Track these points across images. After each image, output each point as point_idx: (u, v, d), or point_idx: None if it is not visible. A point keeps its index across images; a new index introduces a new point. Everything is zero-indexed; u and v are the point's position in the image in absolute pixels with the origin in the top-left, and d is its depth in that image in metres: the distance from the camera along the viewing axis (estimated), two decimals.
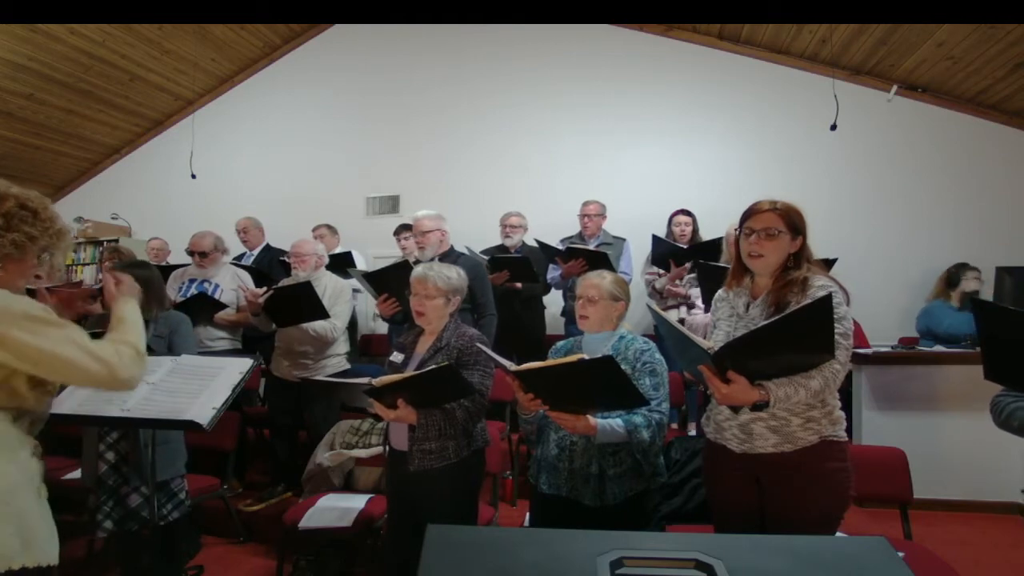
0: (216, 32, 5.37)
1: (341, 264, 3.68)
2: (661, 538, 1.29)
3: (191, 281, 3.41)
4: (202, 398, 1.82)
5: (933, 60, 4.13)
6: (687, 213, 3.91)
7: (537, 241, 3.72)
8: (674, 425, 3.66)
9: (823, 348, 1.33)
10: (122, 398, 1.80)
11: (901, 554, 1.09)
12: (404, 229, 4.09)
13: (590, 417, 1.64)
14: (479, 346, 1.86)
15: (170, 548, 2.27)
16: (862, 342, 3.64)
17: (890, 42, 4.13)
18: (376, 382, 1.76)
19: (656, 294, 3.77)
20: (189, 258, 3.54)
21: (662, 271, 3.72)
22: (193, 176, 5.34)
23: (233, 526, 2.97)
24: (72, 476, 2.73)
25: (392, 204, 5.52)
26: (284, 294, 3.00)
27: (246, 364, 1.96)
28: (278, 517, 2.55)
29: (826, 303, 1.25)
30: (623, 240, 3.96)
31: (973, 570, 2.34)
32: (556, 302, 4.08)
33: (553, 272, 3.76)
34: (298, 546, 2.54)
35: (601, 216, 3.94)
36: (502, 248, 3.87)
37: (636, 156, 4.99)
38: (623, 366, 1.62)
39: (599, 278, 1.89)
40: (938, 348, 3.36)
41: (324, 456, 2.88)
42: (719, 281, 1.76)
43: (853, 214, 4.49)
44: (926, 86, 4.43)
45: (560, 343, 2.03)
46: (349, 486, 2.85)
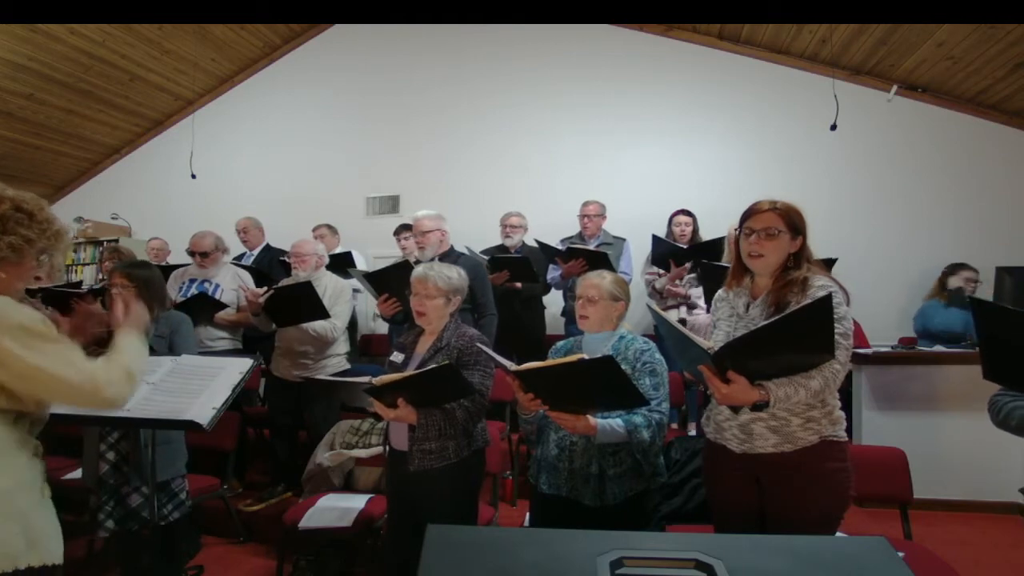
0: (216, 32, 5.38)
1: (341, 264, 3.68)
2: (661, 538, 1.29)
3: (191, 281, 3.41)
4: (202, 398, 1.82)
5: (933, 60, 4.13)
6: (687, 213, 3.91)
7: (537, 241, 3.72)
8: (674, 425, 3.66)
9: (823, 348, 1.33)
10: None
11: (901, 554, 1.09)
12: (404, 229, 4.09)
13: (590, 417, 1.64)
14: (479, 346, 1.86)
15: (170, 548, 2.27)
16: (862, 342, 3.64)
17: (890, 42, 4.12)
18: (376, 381, 1.76)
19: (656, 294, 3.77)
20: (189, 258, 3.54)
21: (662, 271, 3.72)
22: (193, 176, 5.34)
23: (233, 526, 2.97)
24: (73, 476, 2.73)
25: (392, 204, 5.52)
26: (284, 294, 3.00)
27: (246, 364, 1.97)
28: (278, 517, 2.55)
29: (826, 303, 1.26)
30: (623, 240, 3.96)
31: (973, 570, 2.34)
32: (556, 302, 4.08)
33: (553, 272, 3.76)
34: (298, 546, 2.54)
35: (601, 216, 3.94)
36: (502, 248, 3.87)
37: (636, 156, 4.99)
38: (623, 366, 1.62)
39: (599, 278, 1.89)
40: (938, 348, 3.36)
41: (324, 456, 2.88)
42: (721, 282, 1.76)
43: (853, 214, 4.49)
44: (926, 86, 4.43)
45: (560, 343, 2.03)
46: (349, 486, 2.85)
